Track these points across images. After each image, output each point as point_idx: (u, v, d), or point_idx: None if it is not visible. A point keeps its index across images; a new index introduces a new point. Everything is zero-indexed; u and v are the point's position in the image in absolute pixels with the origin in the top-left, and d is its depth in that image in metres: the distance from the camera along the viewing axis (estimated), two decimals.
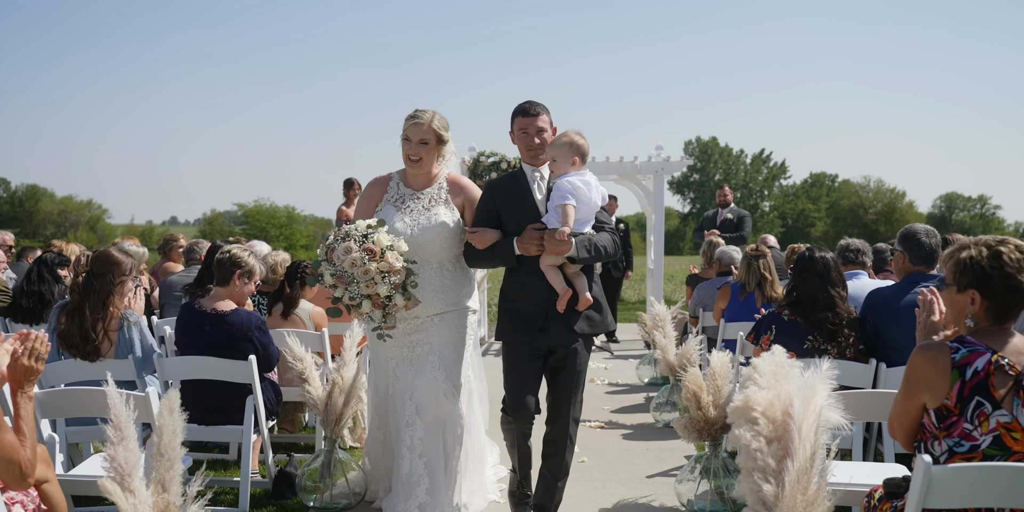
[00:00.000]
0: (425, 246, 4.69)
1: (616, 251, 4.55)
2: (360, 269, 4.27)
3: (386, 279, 4.30)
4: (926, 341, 3.06)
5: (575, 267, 4.48)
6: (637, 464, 6.11)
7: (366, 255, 4.28)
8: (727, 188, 11.95)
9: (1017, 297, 2.90)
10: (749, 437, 3.15)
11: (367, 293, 4.30)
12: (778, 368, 3.33)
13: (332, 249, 4.36)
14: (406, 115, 4.77)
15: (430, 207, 4.79)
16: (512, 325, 4.54)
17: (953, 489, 2.71)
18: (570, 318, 4.46)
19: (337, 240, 4.36)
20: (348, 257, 4.28)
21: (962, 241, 3.03)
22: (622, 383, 9.38)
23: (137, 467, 3.28)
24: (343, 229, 4.41)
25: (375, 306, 4.35)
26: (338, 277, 4.32)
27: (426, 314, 4.76)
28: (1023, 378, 2.82)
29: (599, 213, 4.55)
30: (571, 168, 4.45)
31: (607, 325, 4.63)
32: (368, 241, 4.33)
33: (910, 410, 2.93)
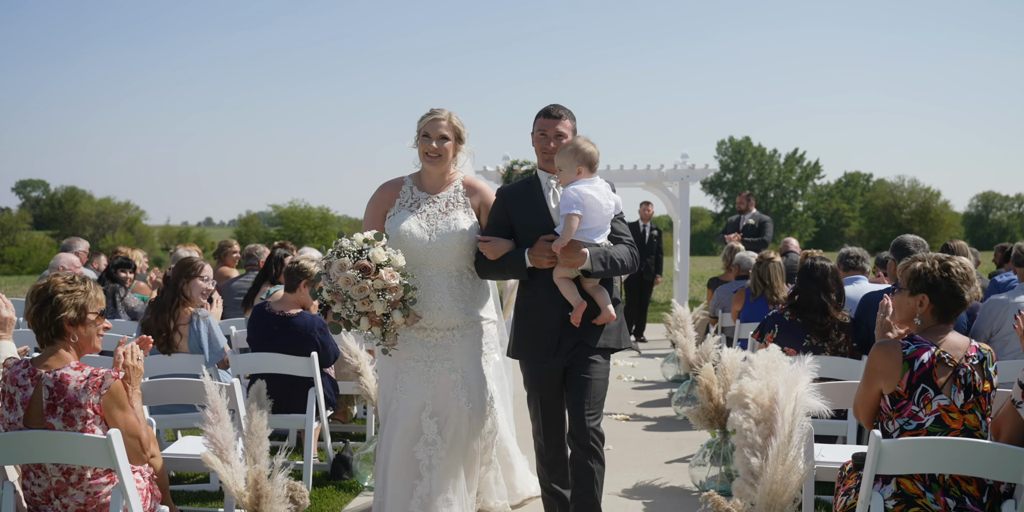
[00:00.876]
0: (444, 252, 4.42)
1: (634, 264, 4.35)
2: (355, 287, 4.06)
3: (382, 297, 4.08)
4: (883, 339, 3.66)
5: (594, 280, 4.27)
6: (657, 452, 6.72)
7: (359, 273, 4.06)
8: (748, 195, 12.47)
9: (958, 303, 3.51)
10: (741, 419, 3.77)
11: (363, 310, 4.11)
12: (769, 362, 3.93)
13: (329, 263, 4.17)
14: (421, 115, 4.56)
15: (448, 211, 4.52)
16: (527, 343, 4.37)
17: (900, 459, 3.31)
18: (585, 333, 4.27)
19: (333, 255, 4.17)
20: (342, 274, 4.07)
21: (916, 255, 3.63)
22: (647, 380, 9.99)
23: (232, 444, 3.97)
24: (338, 243, 4.21)
25: (373, 324, 4.16)
26: (334, 293, 4.14)
27: (445, 326, 4.48)
28: (960, 369, 3.42)
29: (616, 224, 4.36)
30: (577, 177, 4.24)
31: (621, 341, 4.43)
32: (363, 257, 4.11)
33: (870, 396, 3.54)
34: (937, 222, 75.25)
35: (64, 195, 72.53)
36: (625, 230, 4.42)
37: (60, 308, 3.67)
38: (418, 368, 4.50)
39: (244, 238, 53.63)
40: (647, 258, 12.82)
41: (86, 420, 3.59)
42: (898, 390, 3.45)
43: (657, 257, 13.18)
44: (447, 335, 4.49)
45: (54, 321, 3.67)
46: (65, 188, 73.53)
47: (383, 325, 4.16)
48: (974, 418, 3.44)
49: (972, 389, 3.42)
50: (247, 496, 3.86)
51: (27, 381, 3.62)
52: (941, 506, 3.37)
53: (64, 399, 3.57)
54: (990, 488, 3.41)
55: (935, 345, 3.46)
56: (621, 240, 4.35)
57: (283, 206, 56.66)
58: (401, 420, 4.48)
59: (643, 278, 12.90)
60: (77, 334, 3.74)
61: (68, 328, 3.70)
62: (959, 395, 3.42)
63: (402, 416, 4.48)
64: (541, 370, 4.35)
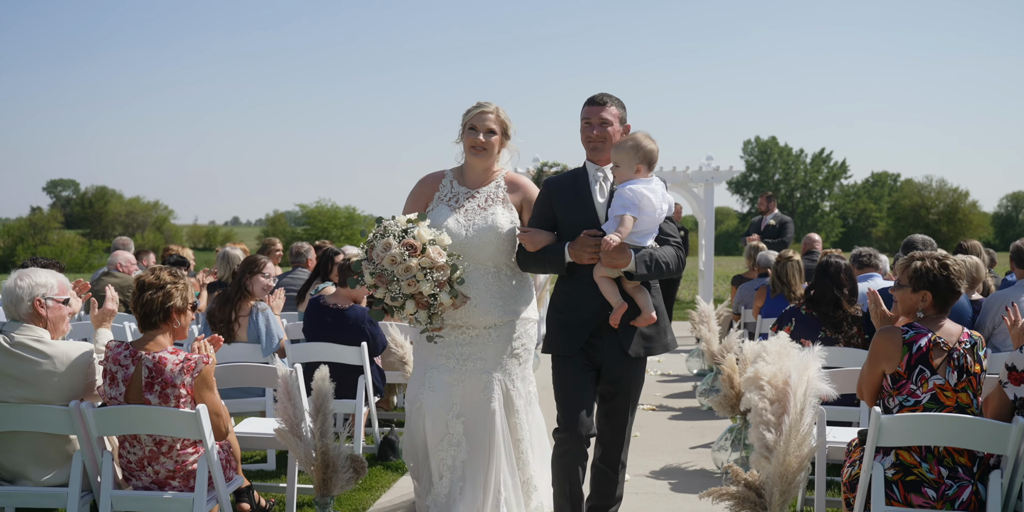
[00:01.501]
0: (481, 248, 4.36)
1: (679, 267, 4.24)
2: (401, 266, 3.98)
3: (429, 276, 4.01)
4: (885, 326, 4.08)
5: (633, 282, 4.13)
6: (682, 438, 7.15)
7: (406, 250, 4.00)
8: (770, 196, 12.87)
9: (955, 296, 3.94)
10: (757, 399, 4.18)
11: (410, 292, 4.02)
12: (781, 348, 4.35)
13: (372, 246, 4.11)
14: (467, 108, 4.49)
15: (486, 206, 4.46)
16: (558, 338, 4.23)
17: (898, 432, 3.73)
18: (624, 337, 4.15)
19: (376, 236, 4.11)
20: (387, 254, 4.01)
21: (915, 254, 4.05)
22: (673, 373, 10.41)
23: (302, 421, 4.45)
24: (381, 224, 4.14)
25: (419, 306, 4.07)
26: (378, 276, 4.06)
27: (482, 325, 4.41)
28: (953, 352, 3.84)
29: (665, 224, 4.21)
30: (635, 175, 4.08)
31: (666, 345, 4.30)
32: (408, 236, 4.05)
33: (874, 376, 3.96)
34: (965, 222, 74.70)
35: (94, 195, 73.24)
36: (673, 231, 4.27)
37: (170, 298, 4.18)
38: (449, 366, 4.44)
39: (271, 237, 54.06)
40: None
41: (179, 398, 4.08)
42: (898, 370, 3.87)
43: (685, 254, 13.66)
44: (483, 334, 4.42)
45: (164, 308, 4.17)
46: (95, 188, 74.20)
47: (430, 307, 4.07)
48: (966, 396, 3.86)
49: (964, 370, 3.85)
50: (315, 466, 4.33)
51: (128, 361, 4.12)
52: (935, 475, 3.79)
53: (161, 379, 4.07)
54: (980, 459, 3.82)
55: (932, 331, 3.89)
56: (668, 241, 4.21)
57: (310, 205, 56.76)
58: (428, 418, 4.44)
59: None
60: (179, 321, 4.25)
61: (174, 315, 4.21)
62: (953, 375, 3.84)
63: (428, 414, 4.44)
64: (568, 366, 4.21)
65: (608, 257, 3.98)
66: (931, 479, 3.79)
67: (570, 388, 4.18)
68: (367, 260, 4.12)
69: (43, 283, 4.25)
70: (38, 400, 4.15)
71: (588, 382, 4.20)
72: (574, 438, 4.12)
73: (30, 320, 4.23)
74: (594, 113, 4.18)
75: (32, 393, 4.15)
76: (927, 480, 3.79)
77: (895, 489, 3.81)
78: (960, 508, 3.76)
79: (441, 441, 4.44)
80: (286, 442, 4.38)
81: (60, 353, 4.19)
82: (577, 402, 4.14)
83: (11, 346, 4.14)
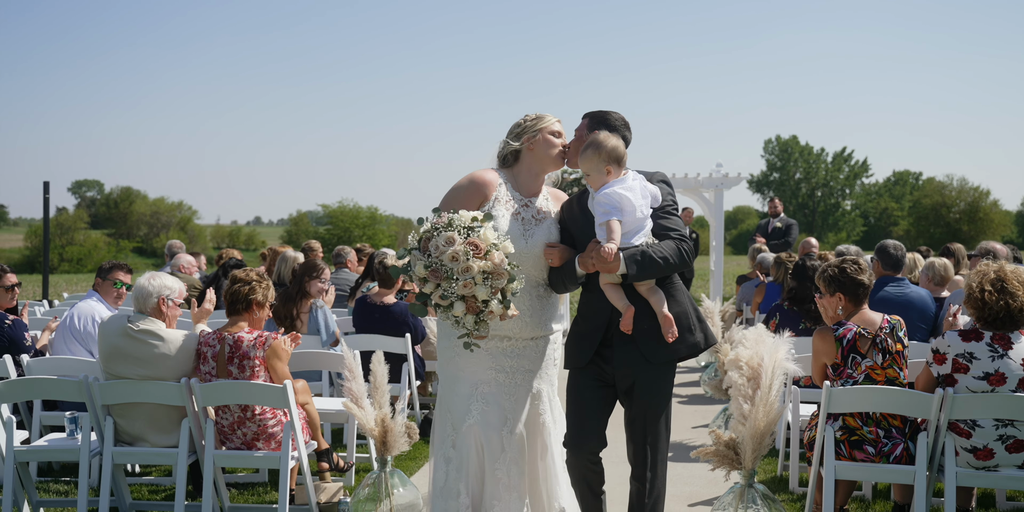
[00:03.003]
0: (537, 259, 4.24)
1: (684, 259, 4.10)
2: (461, 265, 3.72)
3: (487, 280, 3.77)
4: (820, 327, 5.03)
5: (647, 283, 4.04)
6: (686, 420, 8.09)
7: (471, 249, 3.75)
8: (777, 200, 13.82)
9: (864, 289, 4.90)
10: (737, 377, 5.13)
11: (463, 294, 3.76)
12: (757, 336, 5.29)
13: (429, 238, 3.83)
14: (537, 115, 4.37)
15: (541, 218, 4.32)
16: (570, 350, 4.22)
17: (844, 402, 4.68)
18: (642, 343, 4.03)
19: (437, 228, 3.83)
20: (449, 249, 3.74)
21: (823, 265, 5.01)
22: (682, 366, 11.34)
23: (364, 394, 5.43)
24: (445, 216, 3.86)
25: (469, 310, 3.79)
26: (432, 270, 3.77)
27: (527, 336, 4.30)
28: (876, 337, 4.80)
29: (664, 219, 4.11)
30: (608, 178, 4.02)
31: (694, 344, 4.14)
32: (474, 235, 3.80)
33: (819, 367, 4.94)
34: (987, 221, 74.75)
35: (119, 195, 73.99)
36: (675, 224, 4.16)
37: (253, 292, 5.23)
38: (499, 379, 4.27)
39: (295, 237, 54.40)
40: None
41: (254, 369, 5.11)
42: (836, 361, 4.84)
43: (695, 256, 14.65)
44: (529, 345, 4.33)
45: (247, 299, 5.21)
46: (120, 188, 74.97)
47: (479, 313, 3.81)
48: (893, 372, 4.82)
49: (888, 351, 4.81)
50: (377, 431, 5.32)
51: (215, 342, 5.17)
52: (874, 435, 4.74)
53: (239, 353, 5.10)
54: (910, 422, 4.77)
55: (856, 325, 4.86)
56: (668, 235, 4.08)
57: (332, 205, 57.22)
58: (482, 434, 4.24)
59: (683, 276, 14.33)
60: (257, 313, 5.28)
61: (254, 307, 5.25)
62: (879, 356, 4.81)
63: (482, 431, 4.23)
64: (577, 380, 4.19)
65: (598, 263, 3.96)
66: (871, 438, 4.74)
67: (577, 403, 4.16)
68: (419, 251, 3.85)
69: (169, 286, 5.28)
70: (154, 377, 5.17)
71: (596, 396, 4.13)
72: (577, 454, 4.13)
73: (152, 313, 5.25)
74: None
75: (150, 371, 5.17)
76: (867, 439, 4.75)
77: (842, 447, 4.77)
78: (894, 461, 4.72)
79: (498, 459, 4.24)
80: (353, 412, 5.35)
81: (173, 339, 5.21)
82: (582, 417, 4.12)
83: (135, 333, 5.16)
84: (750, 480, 4.88)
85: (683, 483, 6.11)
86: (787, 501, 5.63)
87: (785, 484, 6.03)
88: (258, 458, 5.23)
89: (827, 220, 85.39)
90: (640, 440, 4.10)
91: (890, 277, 6.94)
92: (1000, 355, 4.52)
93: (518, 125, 4.38)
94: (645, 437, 4.09)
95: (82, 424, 5.27)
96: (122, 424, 5.23)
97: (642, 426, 4.10)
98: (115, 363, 5.19)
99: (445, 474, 4.32)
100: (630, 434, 4.14)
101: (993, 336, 4.56)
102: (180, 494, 5.10)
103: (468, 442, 4.26)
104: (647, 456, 4.10)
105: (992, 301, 4.50)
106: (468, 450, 4.26)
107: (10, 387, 5.23)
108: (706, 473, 6.19)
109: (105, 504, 5.12)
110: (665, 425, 4.16)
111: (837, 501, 5.16)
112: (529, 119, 4.36)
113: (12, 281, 6.48)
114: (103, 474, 5.15)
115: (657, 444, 4.12)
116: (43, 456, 5.42)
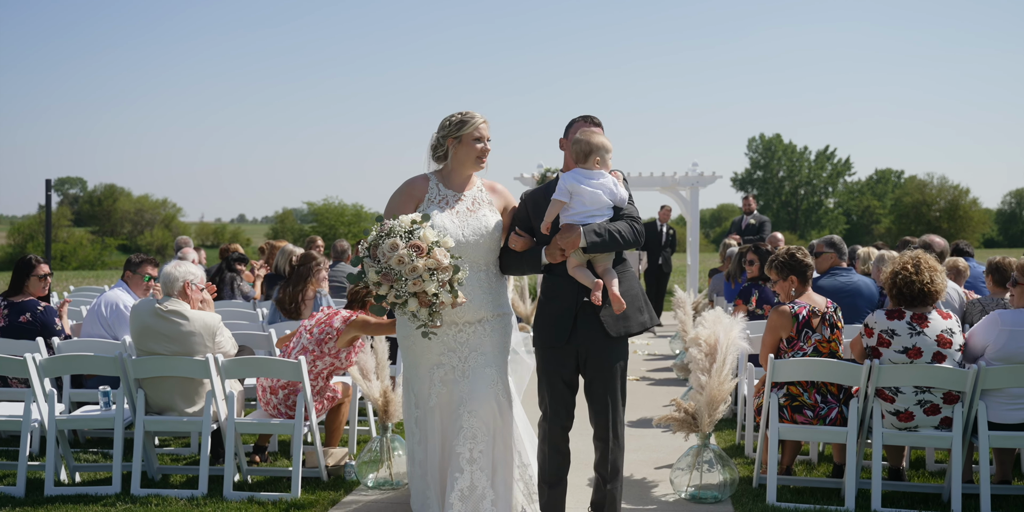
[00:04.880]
0: (476, 248, 4.63)
1: (636, 237, 4.53)
2: (407, 266, 4.14)
3: (434, 276, 4.18)
4: (776, 305, 5.75)
5: (604, 264, 4.50)
6: (657, 399, 8.81)
7: (413, 252, 4.16)
8: (751, 198, 14.56)
9: (811, 271, 5.68)
10: (696, 352, 5.84)
11: (414, 291, 4.17)
12: (715, 317, 6.01)
13: (376, 245, 4.24)
14: (461, 118, 4.68)
15: (475, 209, 4.72)
16: (543, 330, 4.60)
17: (786, 372, 5.40)
18: (604, 317, 4.49)
19: (381, 236, 4.24)
20: (395, 254, 4.15)
21: (773, 255, 5.76)
22: (658, 353, 12.09)
23: (372, 368, 6.11)
24: (386, 225, 4.28)
25: (422, 304, 4.21)
26: (384, 275, 4.18)
27: (476, 319, 4.68)
28: (825, 315, 5.53)
29: (628, 208, 4.60)
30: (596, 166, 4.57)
31: (643, 322, 4.61)
32: (414, 237, 4.21)
33: (773, 341, 5.66)
34: (966, 219, 75.78)
35: (103, 192, 73.69)
36: (627, 210, 4.61)
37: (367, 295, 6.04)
38: (452, 363, 4.68)
39: (280, 234, 54.09)
40: (664, 251, 15.03)
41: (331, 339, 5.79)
42: (792, 335, 5.57)
43: (672, 251, 15.39)
44: (478, 329, 4.70)
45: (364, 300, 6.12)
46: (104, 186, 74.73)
47: (431, 306, 4.23)
48: (835, 345, 5.59)
49: (833, 327, 5.56)
50: (380, 401, 5.99)
51: None
52: (813, 401, 5.46)
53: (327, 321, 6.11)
54: (845, 390, 5.50)
55: (807, 305, 5.59)
56: (621, 216, 4.56)
57: (317, 203, 57.14)
58: (440, 415, 4.71)
59: (661, 270, 15.10)
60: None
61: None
62: (827, 331, 5.57)
63: (440, 411, 4.71)
64: (553, 356, 4.60)
65: (561, 237, 4.41)
66: (810, 404, 5.47)
67: (550, 381, 4.61)
68: (369, 258, 4.26)
69: (193, 272, 5.95)
70: (182, 352, 5.83)
71: (568, 373, 4.59)
72: (552, 425, 4.62)
73: (179, 296, 5.92)
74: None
75: (178, 347, 5.83)
76: (807, 404, 5.48)
77: (785, 412, 5.50)
78: (830, 423, 5.45)
79: (458, 436, 4.64)
80: (360, 383, 6.02)
81: (197, 319, 5.88)
82: (556, 393, 4.59)
83: (164, 313, 5.83)
84: (705, 441, 5.61)
85: (651, 451, 6.82)
86: (743, 464, 6.34)
87: (742, 450, 6.75)
88: (273, 425, 5.91)
89: (810, 218, 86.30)
90: (601, 405, 4.58)
91: (839, 267, 7.67)
92: (918, 332, 5.25)
93: (443, 127, 4.74)
94: (606, 402, 4.57)
95: (115, 397, 5.93)
96: (152, 396, 5.89)
97: (602, 393, 4.57)
98: (146, 340, 5.85)
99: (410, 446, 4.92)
100: (591, 400, 4.63)
101: (913, 315, 5.29)
102: (204, 457, 5.77)
103: (433, 422, 4.73)
104: (608, 419, 4.59)
105: (904, 283, 5.24)
106: (433, 429, 4.75)
107: (52, 363, 5.89)
108: (671, 442, 6.90)
109: (137, 467, 5.77)
110: (621, 391, 4.65)
111: (784, 461, 5.90)
112: (454, 122, 4.70)
113: (44, 271, 7.11)
114: (135, 440, 5.80)
115: (616, 407, 4.60)
116: (81, 424, 6.08)
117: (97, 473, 6.24)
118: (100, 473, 6.22)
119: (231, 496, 5.65)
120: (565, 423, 4.65)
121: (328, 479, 6.03)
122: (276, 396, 5.93)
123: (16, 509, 5.42)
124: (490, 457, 4.67)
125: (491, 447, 4.67)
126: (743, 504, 5.44)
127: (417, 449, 4.84)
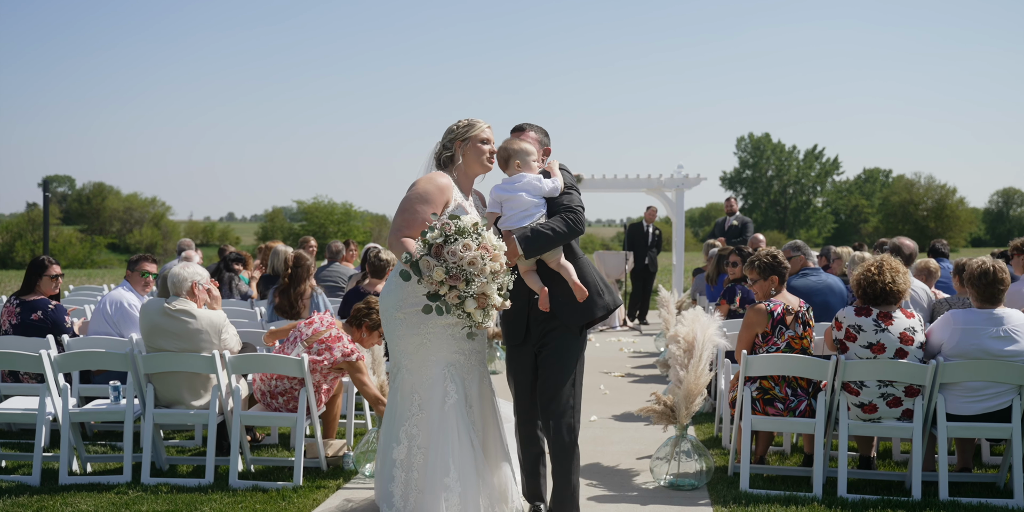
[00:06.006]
0: None
1: (572, 227, 4.65)
2: (478, 267, 4.18)
3: (496, 279, 4.27)
4: (753, 304, 6.12)
5: (555, 259, 4.69)
6: (641, 395, 9.17)
7: (485, 254, 4.21)
8: (733, 200, 14.94)
9: (788, 272, 6.06)
10: (675, 349, 6.20)
11: (478, 292, 4.21)
12: (695, 316, 6.37)
13: (440, 245, 4.22)
14: (468, 122, 4.87)
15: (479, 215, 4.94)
16: (504, 330, 4.96)
17: (758, 367, 5.77)
18: (560, 314, 4.73)
19: (450, 236, 4.23)
20: (468, 255, 4.16)
21: (752, 256, 6.12)
22: (643, 351, 12.45)
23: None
24: (455, 225, 4.26)
25: (479, 306, 4.26)
26: (452, 275, 4.18)
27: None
28: (798, 313, 5.91)
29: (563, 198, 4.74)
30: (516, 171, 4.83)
31: (605, 305, 4.82)
32: (483, 240, 4.26)
33: (749, 337, 6.02)
34: (953, 219, 76.36)
35: (92, 191, 73.33)
36: (566, 200, 4.75)
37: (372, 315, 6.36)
38: (461, 361, 4.83)
39: (270, 233, 54.47)
40: (650, 251, 15.39)
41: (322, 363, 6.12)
42: (767, 331, 5.94)
43: (658, 251, 15.75)
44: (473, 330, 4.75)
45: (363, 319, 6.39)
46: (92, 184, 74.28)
47: (485, 308, 4.30)
48: (807, 342, 5.97)
49: (805, 325, 5.94)
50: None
51: None
52: (783, 394, 5.83)
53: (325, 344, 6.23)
54: (814, 384, 5.87)
55: (782, 303, 5.97)
56: (559, 211, 4.73)
57: (307, 202, 57.10)
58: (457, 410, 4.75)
59: (647, 269, 15.46)
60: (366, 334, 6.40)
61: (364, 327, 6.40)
62: (800, 328, 5.95)
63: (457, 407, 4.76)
64: (515, 354, 4.96)
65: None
66: (780, 397, 5.84)
67: (519, 379, 4.94)
68: (431, 256, 4.24)
69: (200, 273, 6.28)
70: (190, 349, 6.16)
71: (531, 370, 4.88)
72: (523, 422, 4.96)
73: (187, 296, 6.24)
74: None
75: (185, 344, 6.16)
76: (778, 397, 5.85)
77: (757, 404, 5.87)
78: (800, 415, 5.82)
79: (469, 431, 4.78)
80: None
81: (204, 317, 6.21)
82: (527, 391, 4.91)
83: (172, 312, 6.15)
84: (683, 432, 5.97)
85: (633, 442, 7.18)
86: (720, 455, 6.70)
87: (720, 442, 7.11)
88: (275, 418, 6.25)
89: (799, 217, 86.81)
90: (546, 399, 4.78)
91: (810, 268, 8.05)
92: (882, 329, 5.62)
93: (451, 131, 4.89)
94: (553, 394, 4.75)
95: (124, 392, 6.26)
96: (160, 390, 6.22)
97: (553, 384, 4.77)
98: (155, 338, 6.18)
99: (408, 448, 4.77)
100: (540, 391, 4.82)
101: (879, 313, 5.66)
102: (211, 447, 6.10)
103: (449, 420, 4.70)
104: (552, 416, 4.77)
105: (867, 284, 5.62)
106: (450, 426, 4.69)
107: (66, 359, 6.22)
108: (652, 435, 7.26)
109: (147, 457, 6.10)
110: (574, 387, 4.80)
111: (758, 451, 6.27)
112: (461, 126, 4.87)
113: (56, 271, 7.43)
114: (143, 432, 6.13)
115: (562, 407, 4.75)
116: (93, 417, 6.40)
117: (107, 464, 6.56)
118: (110, 464, 6.54)
119: (236, 484, 5.98)
120: (532, 417, 4.97)
121: (328, 469, 6.37)
122: (276, 401, 6.25)
123: (33, 497, 5.74)
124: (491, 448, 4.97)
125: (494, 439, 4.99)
126: (718, 491, 5.80)
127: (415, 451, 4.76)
